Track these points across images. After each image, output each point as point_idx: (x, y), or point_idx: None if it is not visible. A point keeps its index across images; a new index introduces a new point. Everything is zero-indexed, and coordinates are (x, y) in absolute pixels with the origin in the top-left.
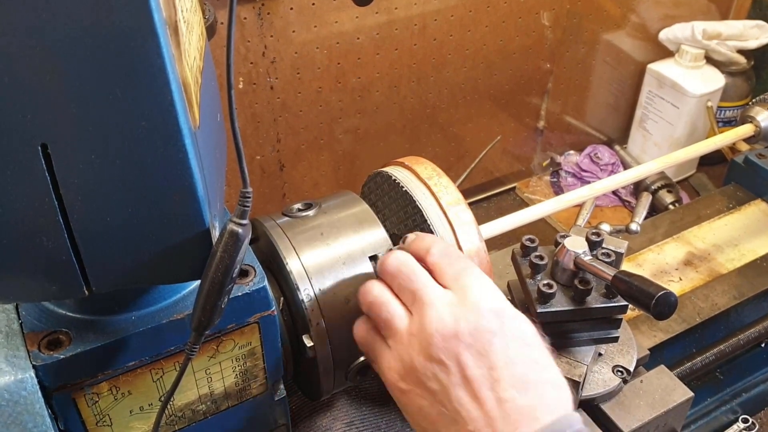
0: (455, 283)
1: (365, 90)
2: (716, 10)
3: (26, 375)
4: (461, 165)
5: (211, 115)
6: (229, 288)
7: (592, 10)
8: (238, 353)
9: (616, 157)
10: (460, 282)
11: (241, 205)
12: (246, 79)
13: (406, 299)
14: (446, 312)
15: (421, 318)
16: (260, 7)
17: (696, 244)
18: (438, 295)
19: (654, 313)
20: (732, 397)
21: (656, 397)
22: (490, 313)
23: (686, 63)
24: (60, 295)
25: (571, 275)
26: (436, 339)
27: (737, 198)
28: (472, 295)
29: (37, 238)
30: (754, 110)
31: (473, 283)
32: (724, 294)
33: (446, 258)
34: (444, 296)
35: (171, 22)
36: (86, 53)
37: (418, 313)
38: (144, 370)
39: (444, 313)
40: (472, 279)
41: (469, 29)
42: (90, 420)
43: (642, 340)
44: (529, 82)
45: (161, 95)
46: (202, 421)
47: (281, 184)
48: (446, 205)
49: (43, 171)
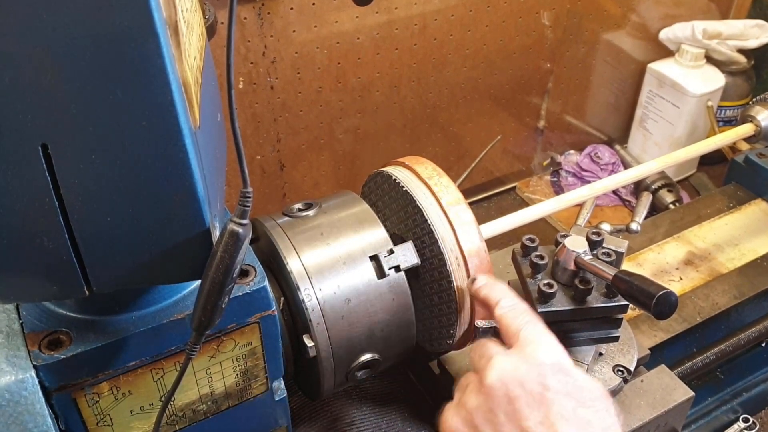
0: (518, 334)
1: (365, 90)
2: (716, 10)
3: (27, 375)
4: (461, 165)
5: (211, 115)
6: (229, 288)
7: (592, 9)
8: (239, 353)
9: (616, 156)
10: (523, 334)
11: (242, 205)
12: (246, 79)
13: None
14: (507, 362)
15: (484, 371)
16: (260, 7)
17: (696, 244)
18: (501, 358)
19: (654, 312)
20: (732, 397)
21: (657, 397)
22: (547, 369)
23: (686, 62)
24: (60, 295)
25: (572, 275)
26: (496, 387)
27: (738, 197)
28: (534, 351)
29: (37, 238)
30: (754, 110)
31: (537, 338)
32: (724, 293)
33: (514, 310)
34: (505, 358)
35: (171, 22)
36: (86, 53)
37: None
38: (145, 370)
39: (505, 363)
40: (535, 334)
41: (470, 29)
42: (90, 420)
43: (642, 339)
44: (530, 82)
45: (161, 95)
46: (202, 420)
47: (281, 184)
48: (446, 205)
49: (44, 171)
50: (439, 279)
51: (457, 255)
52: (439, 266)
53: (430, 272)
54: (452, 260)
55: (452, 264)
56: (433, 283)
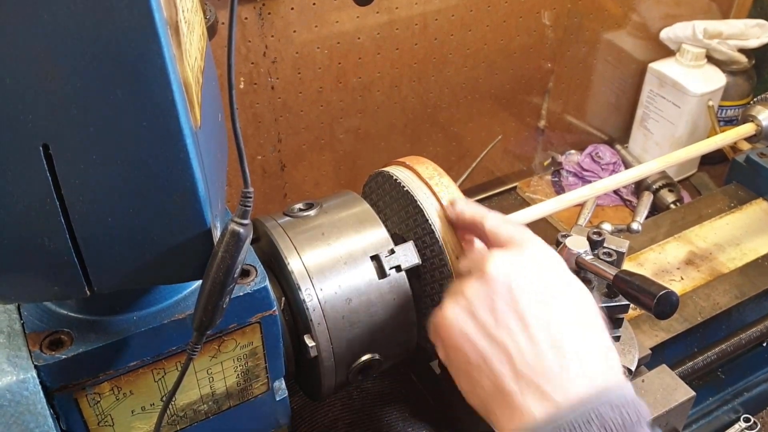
0: (513, 239)
1: (366, 90)
2: (717, 9)
3: (28, 375)
4: (462, 164)
5: (212, 115)
6: (230, 288)
7: (593, 9)
8: (240, 353)
9: (617, 156)
10: (518, 238)
11: (243, 205)
12: (247, 79)
13: None
14: (507, 256)
15: (484, 263)
16: (261, 7)
17: (697, 244)
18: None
19: (655, 312)
20: (734, 397)
21: (658, 397)
22: (553, 273)
23: (687, 62)
24: (61, 295)
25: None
26: (496, 276)
27: (738, 197)
28: (532, 251)
29: (38, 238)
30: (755, 109)
31: (533, 242)
32: (725, 293)
33: (504, 223)
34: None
35: (172, 22)
36: (87, 54)
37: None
38: (146, 370)
39: (505, 257)
40: (530, 238)
41: (470, 29)
42: (92, 420)
43: (643, 339)
44: (530, 82)
45: (162, 95)
46: (203, 421)
47: (282, 184)
48: (447, 205)
49: (45, 171)
50: (440, 279)
51: (458, 255)
52: (440, 266)
53: (431, 272)
54: (453, 260)
55: (454, 264)
56: (434, 283)
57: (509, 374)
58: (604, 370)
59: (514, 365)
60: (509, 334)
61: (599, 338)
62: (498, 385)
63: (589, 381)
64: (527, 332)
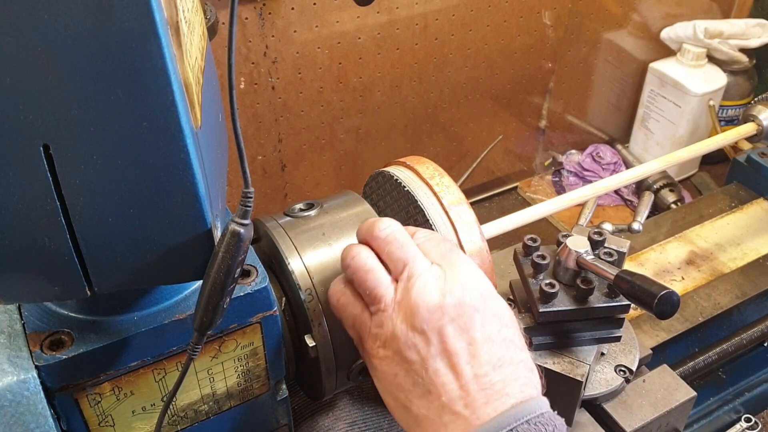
0: (443, 260)
1: (367, 90)
2: (718, 9)
3: (29, 375)
4: (463, 164)
5: (212, 115)
6: (231, 288)
7: (593, 9)
8: (241, 353)
9: (617, 156)
10: (447, 260)
11: (243, 206)
12: (247, 79)
13: (394, 267)
14: (433, 285)
15: (407, 288)
16: (261, 7)
17: (698, 244)
18: (426, 267)
19: (656, 312)
20: (735, 397)
21: (659, 397)
22: (474, 291)
23: (688, 62)
24: (62, 295)
25: (573, 275)
26: (422, 310)
27: (739, 197)
28: (458, 272)
29: (39, 238)
30: (756, 109)
31: (459, 261)
32: (726, 293)
33: (432, 240)
34: (432, 269)
35: (172, 22)
36: (88, 54)
37: (405, 283)
38: (146, 371)
39: (431, 286)
40: (458, 258)
41: (471, 29)
42: (92, 420)
43: (644, 339)
44: (531, 82)
45: (162, 95)
46: (204, 421)
47: (283, 184)
48: (448, 205)
49: (45, 172)
50: None
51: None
52: None
53: None
54: None
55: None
56: None
57: (426, 399)
58: (522, 386)
59: (433, 391)
60: (428, 358)
61: (517, 355)
62: (415, 410)
63: (506, 398)
64: (448, 358)
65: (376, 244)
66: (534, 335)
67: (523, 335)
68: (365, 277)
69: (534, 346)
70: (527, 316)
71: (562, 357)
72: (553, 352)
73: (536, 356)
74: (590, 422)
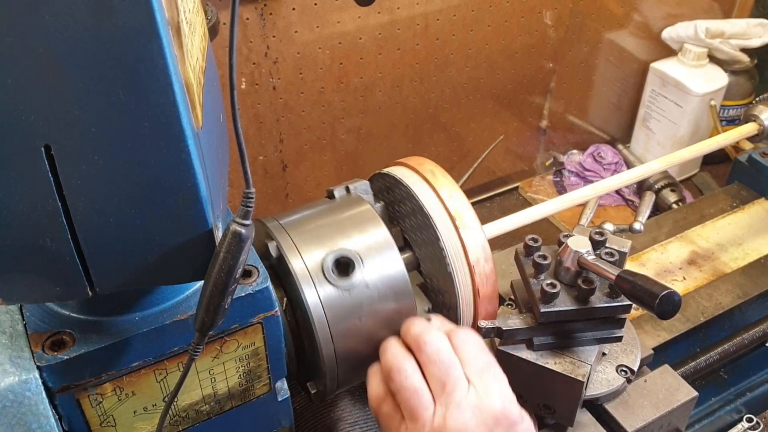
0: (479, 379)
1: (368, 90)
2: (719, 9)
3: (30, 376)
4: (464, 165)
5: (213, 116)
6: (232, 288)
7: (594, 9)
8: (242, 353)
9: (619, 156)
10: (483, 379)
11: (244, 206)
12: (248, 80)
13: (435, 387)
14: (469, 415)
15: (446, 415)
16: (262, 8)
17: (700, 244)
18: (463, 395)
19: (658, 312)
20: (736, 397)
21: (660, 397)
22: (504, 420)
23: (689, 62)
24: (64, 296)
25: (575, 275)
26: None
27: (741, 197)
28: (491, 399)
29: (40, 239)
30: (757, 109)
31: (493, 384)
32: (728, 293)
33: (471, 346)
34: (468, 397)
35: (173, 23)
36: (89, 55)
37: (444, 410)
38: (148, 371)
39: (467, 417)
40: (492, 379)
41: (472, 29)
42: (94, 420)
43: (646, 339)
44: (532, 82)
45: (164, 96)
46: (205, 421)
47: (284, 184)
48: (450, 206)
49: (47, 172)
50: (442, 278)
51: (459, 255)
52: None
53: None
54: (454, 260)
55: (454, 263)
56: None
57: None
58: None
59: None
60: None
61: None
62: None
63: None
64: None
65: (420, 357)
66: (535, 335)
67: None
68: (408, 396)
69: (535, 346)
70: (528, 316)
71: (563, 357)
72: (554, 352)
73: (537, 356)
74: (592, 422)
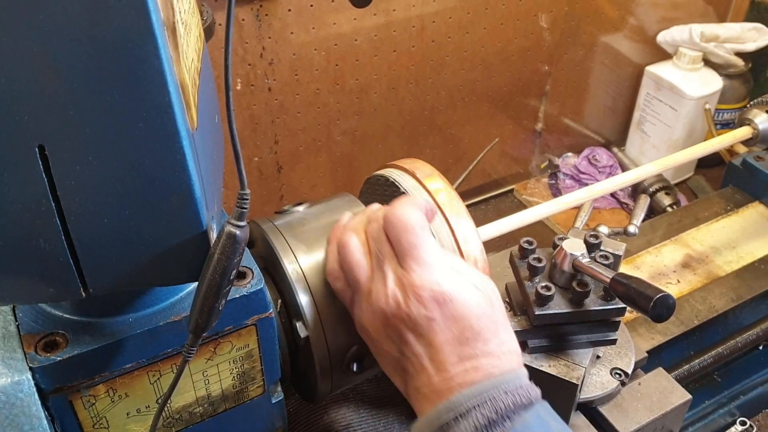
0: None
1: (363, 92)
2: (714, 13)
3: (23, 377)
4: (459, 167)
5: (208, 117)
6: (226, 290)
7: (590, 12)
8: (236, 355)
9: (614, 159)
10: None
11: (239, 207)
12: (244, 81)
13: (374, 260)
14: (393, 293)
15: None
16: (258, 9)
17: (694, 247)
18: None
19: (652, 315)
20: (730, 400)
21: (654, 400)
22: (431, 302)
23: (684, 65)
24: (57, 296)
25: (569, 277)
26: (386, 314)
27: (735, 200)
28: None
29: (34, 239)
30: (751, 113)
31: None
32: (722, 296)
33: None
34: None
35: (169, 23)
36: (84, 55)
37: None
38: (141, 372)
39: (390, 295)
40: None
41: (468, 31)
42: (87, 422)
43: (640, 342)
44: (528, 84)
45: (159, 97)
46: (199, 423)
47: (279, 185)
48: (444, 208)
49: (41, 172)
50: None
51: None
52: None
53: None
54: None
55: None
56: None
57: (417, 372)
58: (502, 357)
59: (421, 366)
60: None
61: (486, 345)
62: (408, 380)
63: (487, 370)
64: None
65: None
66: (530, 338)
67: None
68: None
69: (530, 348)
70: (523, 318)
71: (557, 360)
72: (548, 355)
73: (532, 359)
74: (586, 425)
